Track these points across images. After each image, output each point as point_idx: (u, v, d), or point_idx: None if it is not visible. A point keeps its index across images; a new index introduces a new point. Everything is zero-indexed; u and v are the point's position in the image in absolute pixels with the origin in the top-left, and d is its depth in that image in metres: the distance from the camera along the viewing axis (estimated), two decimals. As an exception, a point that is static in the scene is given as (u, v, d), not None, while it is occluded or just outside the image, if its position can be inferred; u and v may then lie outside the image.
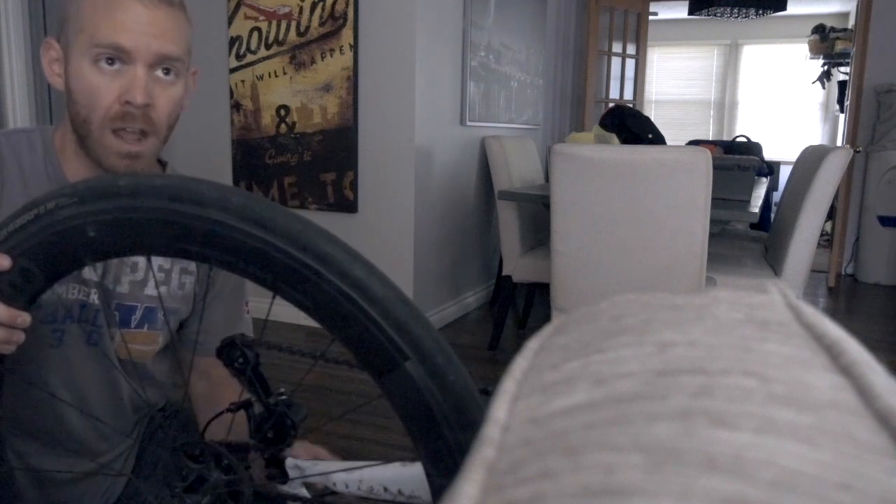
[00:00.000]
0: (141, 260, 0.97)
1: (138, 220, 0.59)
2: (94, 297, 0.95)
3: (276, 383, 0.74)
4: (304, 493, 0.76)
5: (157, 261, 1.00)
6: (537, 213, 3.08)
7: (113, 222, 0.60)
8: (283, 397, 0.72)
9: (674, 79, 7.59)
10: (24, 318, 0.72)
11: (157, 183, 0.59)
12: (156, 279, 1.00)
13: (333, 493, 0.75)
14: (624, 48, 4.81)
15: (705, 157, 1.97)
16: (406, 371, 0.56)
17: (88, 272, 0.94)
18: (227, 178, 3.31)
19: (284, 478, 0.75)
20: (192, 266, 1.03)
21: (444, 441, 0.57)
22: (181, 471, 0.71)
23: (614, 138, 2.97)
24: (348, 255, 0.57)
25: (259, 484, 0.74)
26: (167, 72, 0.90)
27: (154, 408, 1.12)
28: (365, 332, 0.56)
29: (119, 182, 0.60)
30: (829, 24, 6.15)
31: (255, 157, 3.26)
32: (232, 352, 0.72)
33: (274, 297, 0.61)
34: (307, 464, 0.76)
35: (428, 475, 0.59)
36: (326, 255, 0.56)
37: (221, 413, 0.76)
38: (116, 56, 0.86)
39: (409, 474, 0.72)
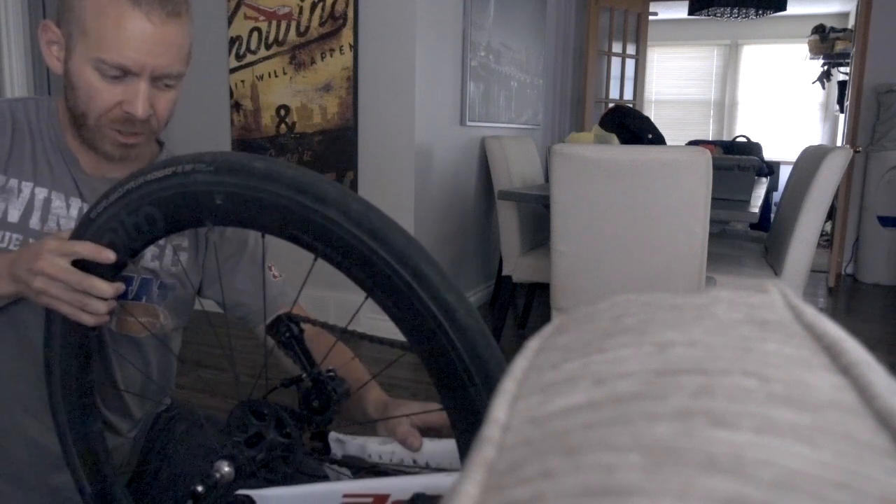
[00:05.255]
0: None
1: (263, 200, 0.64)
2: None
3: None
4: (345, 469, 0.82)
5: None
6: (537, 213, 3.08)
7: (240, 196, 0.65)
8: (331, 373, 0.78)
9: (674, 79, 7.59)
10: (120, 287, 0.79)
11: (289, 173, 0.64)
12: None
13: (374, 466, 0.81)
14: (624, 48, 4.81)
15: (705, 157, 1.97)
16: (469, 395, 0.61)
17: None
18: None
19: (327, 450, 0.81)
20: (186, 243, 1.04)
21: None
22: (244, 425, 0.76)
23: (614, 138, 2.97)
24: (443, 280, 0.61)
25: (310, 449, 0.80)
26: (168, 82, 0.91)
27: (157, 397, 1.11)
28: (442, 352, 0.61)
29: (255, 163, 0.65)
30: (829, 24, 6.15)
31: (255, 157, 3.26)
32: (280, 327, 0.78)
33: (366, 299, 0.67)
34: (347, 437, 0.82)
35: None
36: (424, 274, 0.60)
37: (274, 388, 0.80)
38: (121, 70, 0.87)
39: (436, 448, 0.78)
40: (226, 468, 0.73)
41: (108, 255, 0.75)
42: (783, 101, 7.20)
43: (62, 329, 0.83)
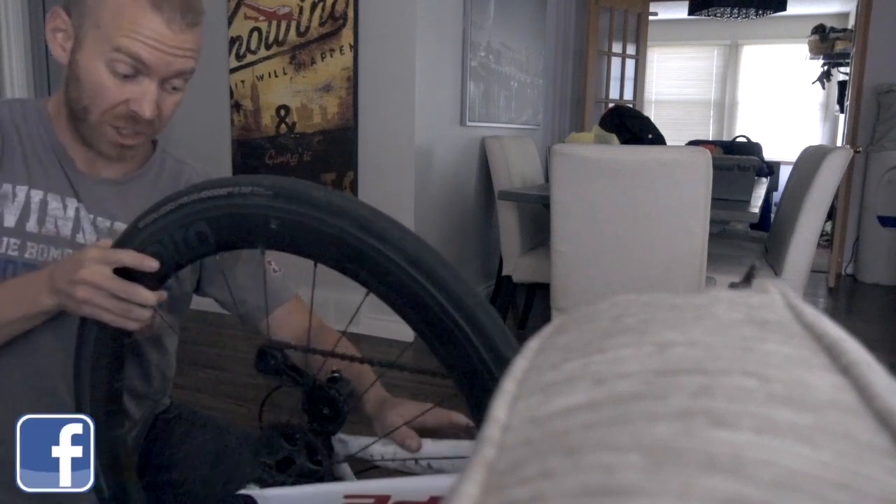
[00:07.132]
0: (121, 228, 0.97)
1: (320, 231, 0.64)
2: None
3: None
4: (348, 469, 0.82)
5: None
6: (537, 213, 3.08)
7: (296, 224, 0.65)
8: (336, 374, 0.77)
9: (674, 79, 7.58)
10: (162, 295, 0.78)
11: (349, 207, 0.64)
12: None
13: (375, 466, 0.81)
14: (624, 48, 4.81)
15: (705, 157, 1.97)
16: None
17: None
18: (227, 178, 3.31)
19: (331, 452, 0.80)
20: None
21: None
22: (273, 447, 0.76)
23: (614, 138, 2.97)
24: (499, 329, 0.61)
25: (339, 476, 0.80)
26: (176, 84, 0.91)
27: (155, 396, 1.11)
28: (490, 395, 0.59)
29: (314, 192, 0.65)
30: (829, 24, 6.14)
31: (255, 157, 3.26)
32: (264, 358, 0.77)
33: (416, 339, 0.66)
34: (350, 438, 0.82)
35: None
36: (480, 322, 0.60)
37: (275, 389, 0.80)
38: (133, 66, 0.86)
39: (437, 450, 0.78)
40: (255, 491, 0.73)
41: (151, 264, 0.74)
42: (783, 101, 7.20)
43: (97, 335, 0.82)
